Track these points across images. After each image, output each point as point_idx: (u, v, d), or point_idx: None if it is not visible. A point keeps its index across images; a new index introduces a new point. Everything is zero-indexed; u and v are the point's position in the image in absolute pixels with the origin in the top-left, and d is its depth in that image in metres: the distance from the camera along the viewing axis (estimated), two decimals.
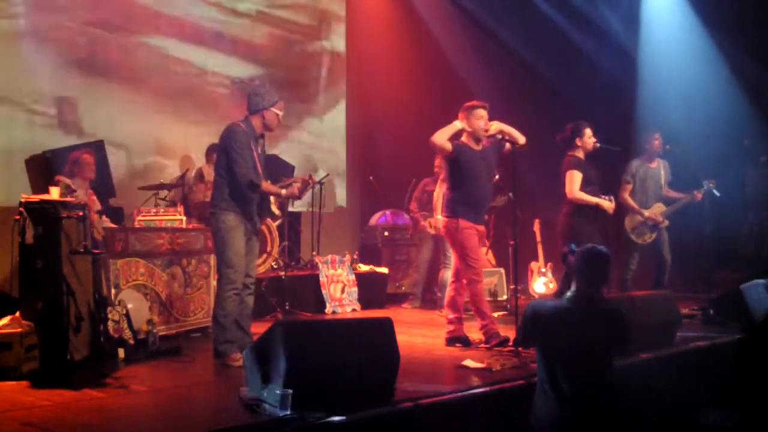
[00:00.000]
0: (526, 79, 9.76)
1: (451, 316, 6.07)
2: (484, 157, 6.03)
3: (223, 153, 5.32)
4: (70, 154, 6.78)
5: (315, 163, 10.39)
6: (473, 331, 6.09)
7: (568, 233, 6.71)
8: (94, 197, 6.69)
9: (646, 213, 7.33)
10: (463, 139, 6.02)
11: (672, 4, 9.38)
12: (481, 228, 6.11)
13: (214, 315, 5.35)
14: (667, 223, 7.38)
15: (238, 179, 5.22)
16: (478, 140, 6.00)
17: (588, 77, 9.38)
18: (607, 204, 6.58)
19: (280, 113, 5.40)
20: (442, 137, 5.86)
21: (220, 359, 5.24)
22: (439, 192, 6.10)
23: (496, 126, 5.94)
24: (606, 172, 7.01)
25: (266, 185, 5.32)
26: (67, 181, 6.36)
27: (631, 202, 7.32)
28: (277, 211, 5.40)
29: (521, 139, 5.97)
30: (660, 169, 7.49)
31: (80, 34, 8.20)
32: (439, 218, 6.10)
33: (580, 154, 6.70)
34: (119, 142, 8.41)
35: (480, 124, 5.93)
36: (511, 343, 5.69)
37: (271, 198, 5.39)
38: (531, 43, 9.78)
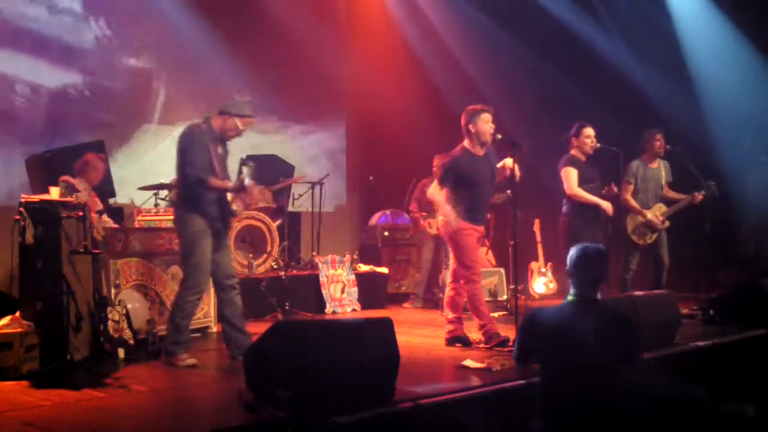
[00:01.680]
0: (526, 80, 9.75)
1: (451, 316, 6.06)
2: (487, 161, 5.97)
3: (179, 154, 5.29)
4: (84, 154, 6.73)
5: (314, 162, 10.39)
6: (473, 331, 6.09)
7: (567, 232, 6.76)
8: (97, 199, 6.67)
9: (648, 215, 7.32)
10: (466, 144, 5.94)
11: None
12: (481, 229, 6.10)
13: (171, 315, 5.29)
14: (667, 224, 7.38)
15: (189, 179, 5.21)
16: (483, 144, 5.92)
17: (590, 77, 9.38)
18: (606, 204, 6.62)
19: (242, 127, 5.33)
20: (435, 197, 6.00)
21: (167, 358, 5.22)
22: (437, 192, 6.03)
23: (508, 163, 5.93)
24: (607, 172, 7.03)
25: (214, 181, 5.22)
26: (73, 180, 6.36)
27: (632, 202, 7.32)
28: (236, 208, 5.33)
29: (517, 175, 5.95)
30: (661, 169, 7.48)
31: None
32: (440, 219, 6.07)
33: (577, 153, 6.79)
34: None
35: (486, 128, 5.82)
36: (511, 344, 5.68)
37: (229, 196, 5.33)
38: (532, 44, 9.78)
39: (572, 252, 3.91)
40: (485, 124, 5.84)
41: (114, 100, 8.62)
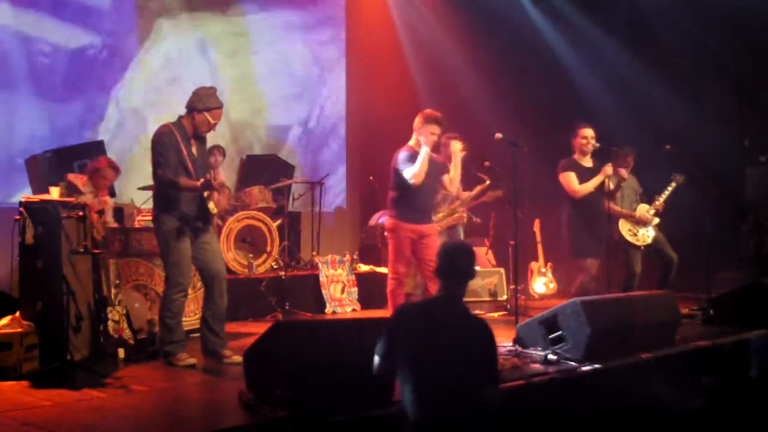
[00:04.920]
0: (526, 80, 9.75)
1: None
2: (431, 165, 5.99)
3: (152, 155, 5.27)
4: (98, 157, 6.66)
5: (314, 162, 10.39)
6: None
7: (570, 237, 6.81)
8: (106, 198, 6.61)
9: (636, 214, 7.33)
10: (412, 143, 6.04)
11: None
12: (425, 228, 6.03)
13: (160, 317, 5.26)
14: (657, 220, 7.36)
15: (160, 180, 5.19)
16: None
17: (589, 77, 9.39)
18: (605, 169, 6.71)
19: (213, 120, 5.28)
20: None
21: (166, 359, 5.21)
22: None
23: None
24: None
25: (184, 180, 5.18)
26: (77, 181, 6.33)
27: (617, 207, 7.29)
28: (213, 209, 5.32)
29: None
30: (630, 180, 7.49)
31: None
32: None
33: (577, 155, 6.83)
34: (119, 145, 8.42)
35: (431, 138, 5.92)
36: None
37: (204, 194, 5.30)
38: (533, 43, 9.79)
39: (439, 249, 3.75)
40: (431, 134, 5.93)
41: None
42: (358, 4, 10.81)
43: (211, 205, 5.28)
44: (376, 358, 3.61)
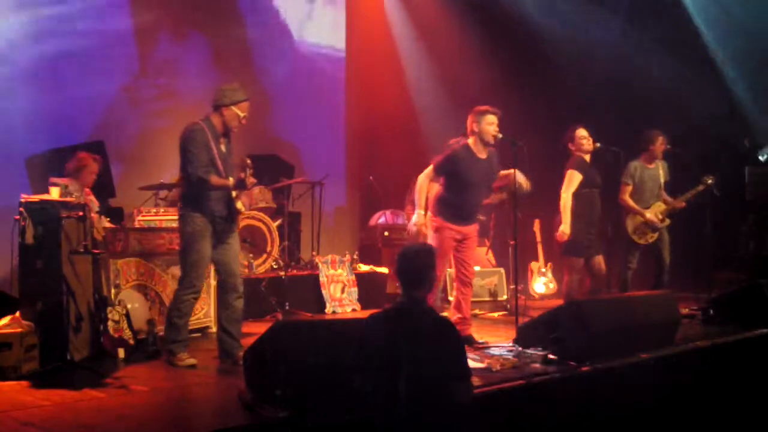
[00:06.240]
0: (527, 79, 9.75)
1: (456, 316, 6.03)
2: (488, 164, 5.94)
3: (181, 153, 5.22)
4: (77, 153, 6.67)
5: (314, 162, 10.38)
6: (476, 331, 6.09)
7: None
8: (92, 197, 6.60)
9: (648, 214, 7.30)
10: (470, 142, 5.91)
11: None
12: (464, 230, 5.95)
13: (168, 315, 5.27)
14: (667, 222, 7.37)
15: (190, 178, 5.16)
16: (485, 144, 5.88)
17: (589, 75, 9.39)
18: (562, 228, 6.61)
19: (242, 114, 5.25)
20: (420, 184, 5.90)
21: (167, 358, 5.22)
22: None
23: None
24: (608, 172, 7.05)
25: (215, 179, 5.17)
26: (60, 182, 6.30)
27: (631, 203, 7.30)
28: (242, 208, 5.32)
29: (525, 185, 6.01)
30: (659, 169, 7.46)
31: None
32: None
33: (583, 156, 6.82)
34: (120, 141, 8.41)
35: (489, 129, 5.80)
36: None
37: (233, 193, 5.29)
38: (531, 43, 9.78)
39: (399, 252, 3.70)
40: (489, 125, 5.82)
41: None
42: (358, 5, 10.81)
43: (239, 205, 5.29)
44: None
